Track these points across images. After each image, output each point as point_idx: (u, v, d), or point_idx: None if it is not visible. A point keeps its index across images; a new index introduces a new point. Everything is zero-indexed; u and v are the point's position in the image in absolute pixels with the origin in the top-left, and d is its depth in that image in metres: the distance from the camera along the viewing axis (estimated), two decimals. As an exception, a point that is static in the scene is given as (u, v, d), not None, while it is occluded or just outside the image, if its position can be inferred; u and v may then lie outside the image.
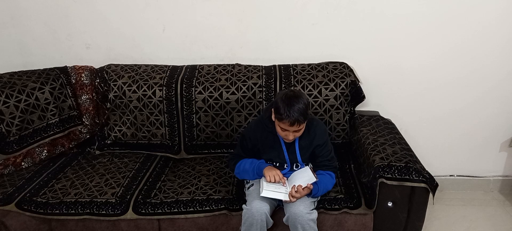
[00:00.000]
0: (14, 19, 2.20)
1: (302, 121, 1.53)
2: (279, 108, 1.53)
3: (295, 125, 1.53)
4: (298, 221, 1.54)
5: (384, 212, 1.66)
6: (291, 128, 1.55)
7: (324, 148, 1.71)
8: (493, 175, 2.45)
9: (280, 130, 1.60)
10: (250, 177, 1.71)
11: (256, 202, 1.57)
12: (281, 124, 1.56)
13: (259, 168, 1.67)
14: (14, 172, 1.95)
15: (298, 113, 1.50)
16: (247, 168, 1.70)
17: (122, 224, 1.70)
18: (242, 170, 1.72)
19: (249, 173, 1.69)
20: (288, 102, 1.52)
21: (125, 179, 1.86)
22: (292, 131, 1.57)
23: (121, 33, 2.21)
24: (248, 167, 1.70)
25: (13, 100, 1.91)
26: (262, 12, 2.14)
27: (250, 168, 1.69)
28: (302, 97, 1.55)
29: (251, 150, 1.75)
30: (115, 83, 2.08)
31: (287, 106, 1.51)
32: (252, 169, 1.68)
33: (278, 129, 1.61)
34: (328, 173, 1.69)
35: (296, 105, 1.51)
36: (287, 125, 1.53)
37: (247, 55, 2.23)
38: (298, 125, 1.54)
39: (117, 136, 2.14)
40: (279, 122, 1.56)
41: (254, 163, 1.70)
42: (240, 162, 1.74)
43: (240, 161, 1.74)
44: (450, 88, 2.23)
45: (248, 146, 1.75)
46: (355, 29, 2.14)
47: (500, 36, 2.10)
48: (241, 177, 1.76)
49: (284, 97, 1.54)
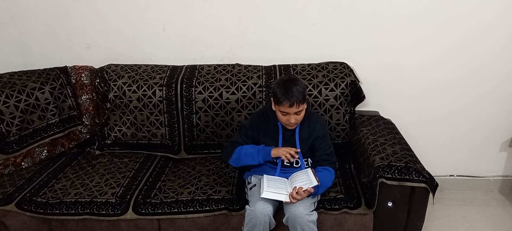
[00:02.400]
0: (14, 19, 2.20)
1: (301, 100, 1.55)
2: (276, 93, 1.56)
3: (295, 106, 1.54)
4: (298, 222, 1.54)
5: (384, 212, 1.66)
6: (291, 110, 1.56)
7: (324, 141, 1.71)
8: (493, 175, 2.45)
9: (281, 115, 1.61)
10: (253, 160, 1.68)
11: (259, 203, 1.56)
12: (281, 108, 1.57)
13: (265, 149, 1.66)
14: (14, 172, 1.95)
15: (296, 94, 1.53)
16: (249, 151, 1.68)
17: (122, 224, 1.70)
18: (244, 154, 1.69)
19: (252, 155, 1.67)
20: (284, 85, 1.55)
21: (125, 179, 1.86)
22: (293, 113, 1.58)
23: (121, 33, 2.21)
24: (250, 150, 1.69)
25: (13, 100, 1.91)
26: (262, 12, 2.14)
27: (254, 150, 1.68)
28: (298, 80, 1.58)
29: (251, 139, 1.75)
30: (115, 83, 2.08)
31: (284, 89, 1.54)
32: (257, 151, 1.67)
33: (280, 115, 1.62)
34: (327, 168, 1.68)
35: (293, 87, 1.54)
36: (287, 107, 1.54)
37: (247, 55, 2.23)
38: (297, 106, 1.55)
39: (117, 136, 2.14)
40: (279, 106, 1.58)
41: (256, 146, 1.70)
42: (240, 147, 1.72)
43: (239, 147, 1.72)
44: (450, 88, 2.23)
45: (248, 134, 1.75)
46: (355, 29, 2.14)
47: (500, 36, 2.10)
48: (241, 163, 1.72)
49: (280, 82, 1.58)
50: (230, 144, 1.77)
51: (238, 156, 1.71)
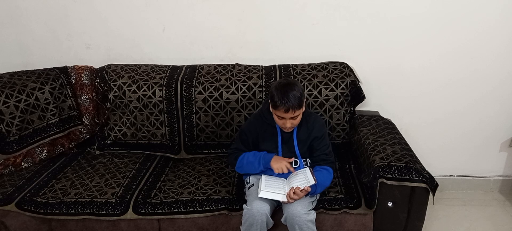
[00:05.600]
0: (14, 19, 2.20)
1: (296, 106, 1.55)
2: (273, 97, 1.56)
3: (290, 111, 1.55)
4: (296, 221, 1.54)
5: (384, 212, 1.66)
6: (287, 115, 1.57)
7: (322, 141, 1.72)
8: (493, 175, 2.45)
9: (277, 119, 1.62)
10: (256, 169, 1.70)
11: (256, 202, 1.56)
12: (277, 112, 1.58)
13: (265, 159, 1.68)
14: (14, 172, 1.95)
15: (292, 99, 1.53)
16: (251, 160, 1.70)
17: (122, 224, 1.70)
18: (246, 163, 1.72)
19: (254, 164, 1.69)
20: (281, 89, 1.55)
21: (125, 179, 1.86)
22: (289, 118, 1.58)
23: (121, 33, 2.21)
24: (252, 159, 1.71)
25: (13, 100, 1.91)
26: (262, 12, 2.14)
27: (255, 159, 1.69)
28: (296, 85, 1.58)
29: (252, 144, 1.76)
30: (115, 83, 2.08)
31: (281, 94, 1.54)
32: (258, 160, 1.69)
33: (276, 118, 1.63)
34: (326, 168, 1.69)
35: (290, 92, 1.54)
36: (282, 111, 1.55)
37: (247, 55, 2.22)
38: (293, 111, 1.55)
39: (117, 136, 2.14)
40: (275, 110, 1.59)
41: (257, 154, 1.71)
42: (242, 155, 1.74)
43: (242, 155, 1.74)
44: (450, 88, 2.23)
45: (248, 139, 1.76)
46: (355, 29, 2.14)
47: (500, 37, 2.10)
48: (245, 171, 1.75)
49: (278, 85, 1.58)
50: (233, 152, 1.80)
51: (241, 164, 1.74)
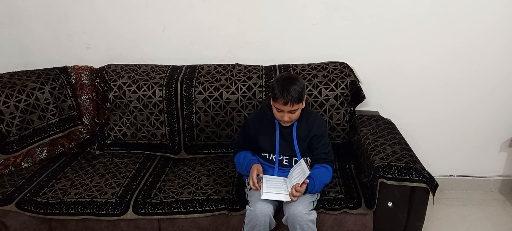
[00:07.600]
0: (14, 19, 2.20)
1: (296, 100, 1.56)
2: (274, 89, 1.58)
3: (289, 104, 1.56)
4: (297, 221, 1.54)
5: (384, 212, 1.66)
6: (285, 108, 1.57)
7: (322, 140, 1.72)
8: (493, 175, 2.45)
9: (276, 111, 1.63)
10: (243, 172, 1.76)
11: (260, 204, 1.56)
12: (276, 104, 1.60)
13: (248, 166, 1.70)
14: (14, 172, 1.95)
15: (293, 93, 1.54)
16: (240, 162, 1.75)
17: (122, 224, 1.70)
18: (237, 164, 1.78)
19: (242, 167, 1.75)
20: (283, 82, 1.57)
21: (125, 179, 1.86)
22: (287, 112, 1.60)
23: (121, 33, 2.21)
24: (241, 161, 1.75)
25: (13, 100, 1.91)
26: (262, 12, 2.14)
27: (244, 163, 1.73)
28: (298, 80, 1.60)
29: (252, 139, 1.77)
30: (115, 83, 2.08)
31: (282, 86, 1.56)
32: (245, 166, 1.72)
33: (275, 111, 1.64)
34: (324, 166, 1.69)
35: (291, 86, 1.55)
36: (281, 104, 1.56)
37: (247, 55, 2.22)
38: (291, 105, 1.56)
39: (117, 136, 2.14)
40: (274, 102, 1.60)
41: (246, 159, 1.74)
42: (239, 153, 1.78)
43: (239, 153, 1.78)
44: (450, 88, 2.23)
45: (249, 134, 1.77)
46: (355, 29, 2.14)
47: (500, 37, 2.10)
48: (238, 169, 1.80)
49: (279, 78, 1.60)
50: (235, 146, 1.85)
51: (238, 162, 1.79)
